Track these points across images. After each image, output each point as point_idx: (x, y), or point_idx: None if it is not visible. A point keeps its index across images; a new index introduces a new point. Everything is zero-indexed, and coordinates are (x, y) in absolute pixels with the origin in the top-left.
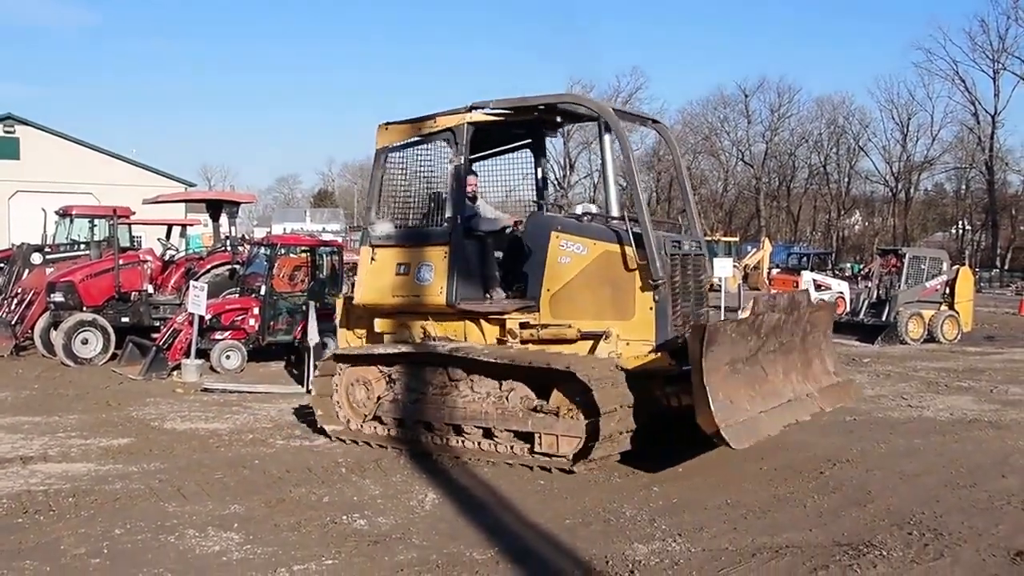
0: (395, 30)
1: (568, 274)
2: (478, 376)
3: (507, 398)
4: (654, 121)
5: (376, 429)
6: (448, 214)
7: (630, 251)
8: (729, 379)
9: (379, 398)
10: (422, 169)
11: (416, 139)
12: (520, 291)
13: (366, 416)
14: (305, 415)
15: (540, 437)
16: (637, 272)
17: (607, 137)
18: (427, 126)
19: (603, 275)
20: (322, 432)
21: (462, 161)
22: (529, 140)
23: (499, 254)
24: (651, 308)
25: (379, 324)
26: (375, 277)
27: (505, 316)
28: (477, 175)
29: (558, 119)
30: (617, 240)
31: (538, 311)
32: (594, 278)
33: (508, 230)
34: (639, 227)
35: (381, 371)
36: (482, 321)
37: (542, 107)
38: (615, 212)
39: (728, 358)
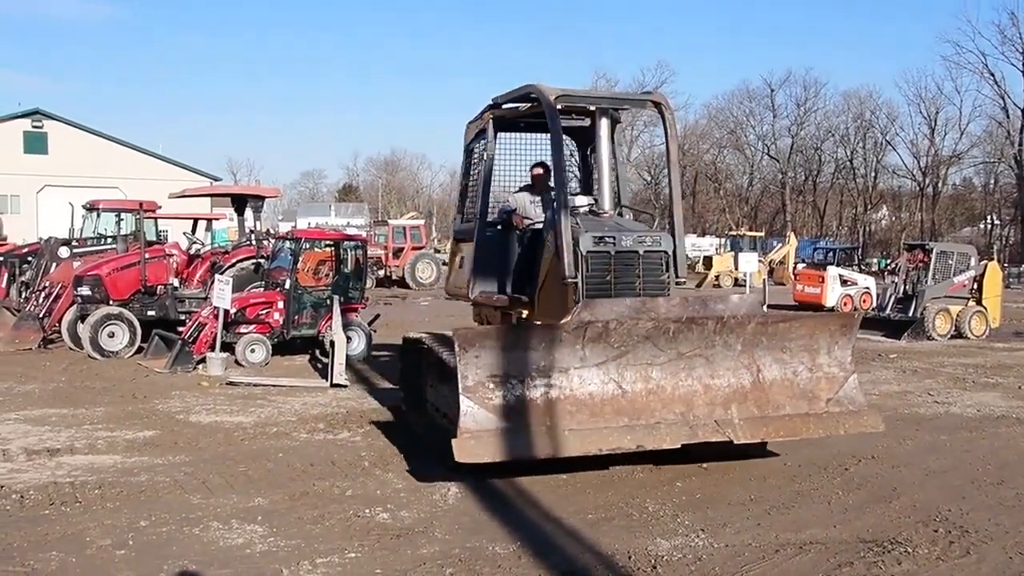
0: (422, 24)
1: (545, 269)
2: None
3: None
4: (654, 103)
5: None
6: (472, 210)
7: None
8: (515, 389)
9: (422, 381)
10: (478, 165)
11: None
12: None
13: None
14: (329, 408)
15: None
16: None
17: (602, 122)
18: (480, 122)
19: (557, 272)
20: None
21: (486, 157)
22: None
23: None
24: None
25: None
26: (453, 269)
27: (511, 311)
28: (548, 169)
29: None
30: None
31: (532, 307)
32: (552, 274)
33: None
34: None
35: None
36: (506, 315)
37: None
38: (606, 206)
39: (532, 367)
